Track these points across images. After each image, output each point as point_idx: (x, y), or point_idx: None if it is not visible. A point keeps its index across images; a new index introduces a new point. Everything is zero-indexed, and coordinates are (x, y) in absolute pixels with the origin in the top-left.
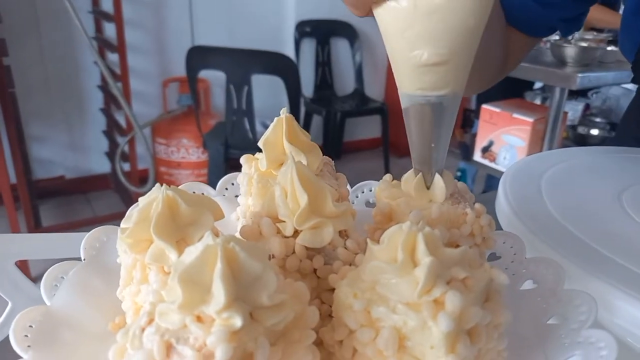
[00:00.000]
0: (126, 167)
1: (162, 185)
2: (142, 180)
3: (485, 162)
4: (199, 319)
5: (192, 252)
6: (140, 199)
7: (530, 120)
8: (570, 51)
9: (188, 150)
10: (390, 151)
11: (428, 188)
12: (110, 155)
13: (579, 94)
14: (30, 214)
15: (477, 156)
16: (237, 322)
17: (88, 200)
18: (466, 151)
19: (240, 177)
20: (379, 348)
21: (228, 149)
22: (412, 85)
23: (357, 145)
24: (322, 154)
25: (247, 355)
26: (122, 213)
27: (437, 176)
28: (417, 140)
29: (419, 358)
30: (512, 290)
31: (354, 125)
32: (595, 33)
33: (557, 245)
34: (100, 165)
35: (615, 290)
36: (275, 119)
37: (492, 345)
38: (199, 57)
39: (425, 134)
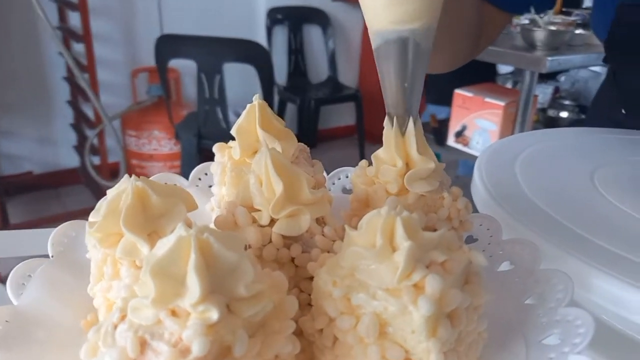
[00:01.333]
0: (96, 160)
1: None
2: (113, 174)
3: (459, 146)
4: (173, 313)
5: (165, 245)
6: (108, 191)
7: (502, 104)
8: (539, 35)
9: (160, 142)
10: (366, 138)
11: (403, 135)
12: (79, 148)
13: (549, 77)
14: None
15: (451, 141)
16: (214, 315)
17: (58, 196)
18: (439, 136)
19: (213, 167)
20: (359, 335)
21: (201, 140)
22: (384, 19)
23: (332, 133)
24: (297, 141)
25: (225, 348)
26: (93, 208)
27: (411, 123)
28: (390, 82)
29: (400, 343)
30: (489, 272)
31: (328, 113)
32: (564, 17)
33: (533, 225)
34: (70, 159)
35: (591, 268)
36: (248, 105)
37: (472, 328)
38: (168, 45)
39: (399, 74)
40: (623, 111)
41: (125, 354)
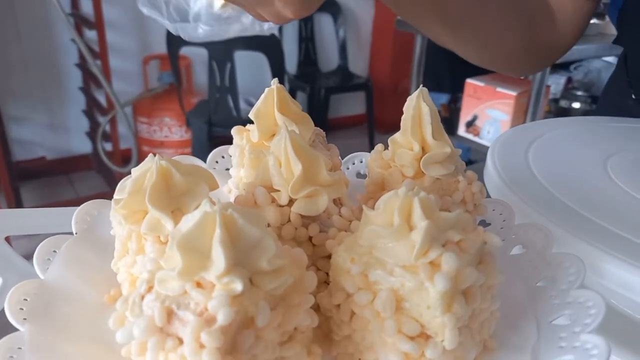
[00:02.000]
0: (108, 147)
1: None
2: (125, 160)
3: (470, 136)
4: (199, 285)
5: (190, 220)
6: (133, 169)
7: (514, 94)
8: None
9: (171, 129)
10: (376, 127)
11: None
12: (92, 135)
13: (561, 67)
14: (12, 196)
15: (462, 131)
16: (238, 286)
17: (70, 181)
18: (450, 126)
19: (231, 149)
20: (376, 310)
21: (212, 127)
22: None
23: (342, 122)
24: (313, 125)
25: (248, 319)
26: (105, 193)
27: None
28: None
29: (416, 318)
30: (502, 256)
31: (338, 101)
32: None
33: (545, 211)
34: (82, 145)
35: (602, 253)
36: (266, 89)
37: (485, 306)
38: None
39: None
40: (633, 96)
41: (153, 323)
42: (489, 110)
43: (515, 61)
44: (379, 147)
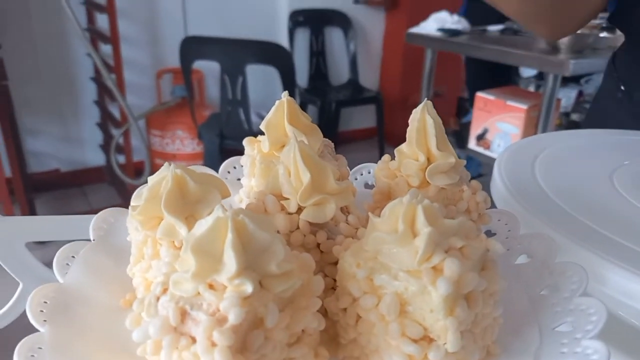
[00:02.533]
0: (121, 159)
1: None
2: (138, 173)
3: (480, 149)
4: (211, 287)
5: (203, 225)
6: (149, 178)
7: (524, 107)
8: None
9: (183, 142)
10: (386, 140)
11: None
12: (105, 147)
13: (572, 80)
14: (26, 207)
15: (472, 144)
16: (248, 288)
17: (84, 193)
18: (460, 139)
19: (243, 159)
20: (381, 313)
21: (223, 140)
22: None
23: (352, 135)
24: (322, 136)
25: (258, 319)
26: (117, 205)
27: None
28: None
29: (419, 321)
30: (507, 265)
31: (348, 115)
32: None
33: (550, 221)
34: (95, 157)
35: (606, 262)
36: (277, 101)
37: (488, 311)
38: (193, 47)
39: None
40: (622, 87)
41: (168, 322)
42: (500, 124)
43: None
44: (385, 157)
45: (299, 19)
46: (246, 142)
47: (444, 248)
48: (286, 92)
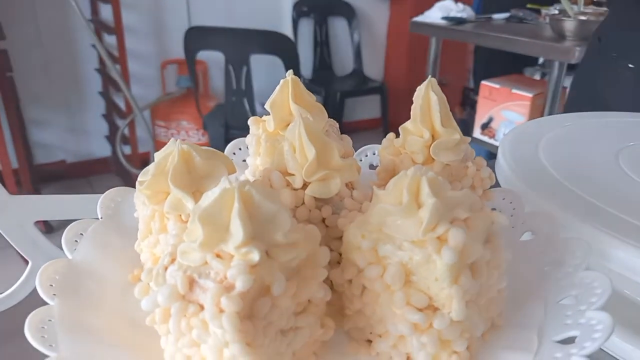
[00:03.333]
0: (127, 150)
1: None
2: (143, 163)
3: (485, 138)
4: (218, 256)
5: (210, 196)
6: (155, 153)
7: (530, 95)
8: (569, 25)
9: (188, 133)
10: (390, 131)
11: None
12: (111, 138)
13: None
14: None
15: (477, 133)
16: (255, 256)
17: (90, 184)
18: (465, 128)
19: (248, 139)
20: (386, 283)
21: (228, 130)
22: None
23: (357, 125)
24: (327, 115)
25: (265, 288)
26: None
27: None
28: None
29: (424, 290)
30: (512, 242)
31: (353, 105)
32: (594, 7)
33: (554, 199)
34: (101, 148)
35: (610, 238)
36: (281, 80)
37: (492, 283)
38: (197, 37)
39: None
40: (598, 39)
41: (176, 291)
42: (505, 112)
43: None
44: (390, 135)
45: (303, 8)
46: (251, 121)
47: (448, 219)
48: (290, 71)
